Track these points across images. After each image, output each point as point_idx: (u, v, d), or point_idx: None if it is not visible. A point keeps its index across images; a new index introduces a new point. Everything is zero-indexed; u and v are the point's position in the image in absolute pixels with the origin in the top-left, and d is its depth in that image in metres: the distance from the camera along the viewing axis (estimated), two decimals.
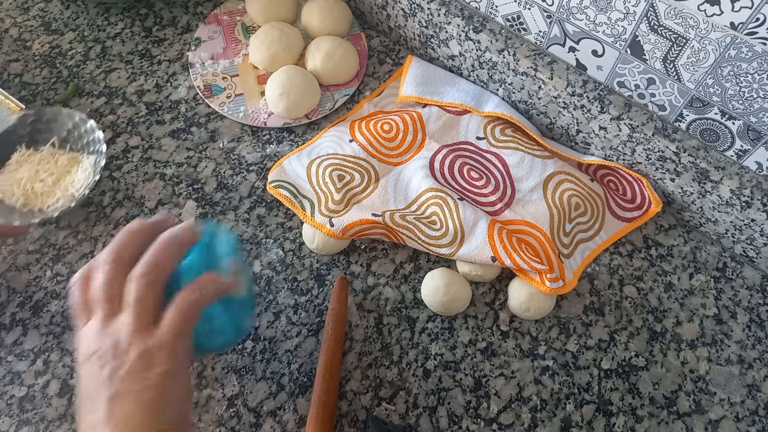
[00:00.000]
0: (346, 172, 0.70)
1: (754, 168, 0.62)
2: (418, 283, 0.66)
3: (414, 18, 0.77)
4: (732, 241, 0.68)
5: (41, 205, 0.68)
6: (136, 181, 0.73)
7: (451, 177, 0.71)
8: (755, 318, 0.65)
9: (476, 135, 0.73)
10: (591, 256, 0.68)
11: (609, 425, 0.60)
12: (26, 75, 0.81)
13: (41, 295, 0.65)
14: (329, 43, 0.77)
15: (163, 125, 0.77)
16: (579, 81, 0.67)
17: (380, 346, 0.63)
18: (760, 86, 0.55)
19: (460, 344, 0.63)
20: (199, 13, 0.87)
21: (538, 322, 0.65)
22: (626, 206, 0.71)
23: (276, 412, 0.59)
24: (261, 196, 0.72)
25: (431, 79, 0.77)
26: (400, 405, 0.60)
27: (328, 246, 0.66)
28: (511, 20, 0.69)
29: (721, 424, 0.60)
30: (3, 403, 0.60)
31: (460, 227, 0.65)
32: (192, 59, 0.81)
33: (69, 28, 0.85)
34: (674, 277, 0.68)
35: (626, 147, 0.68)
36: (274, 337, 0.63)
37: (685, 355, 0.63)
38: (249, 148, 0.75)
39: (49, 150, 0.71)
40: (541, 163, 0.70)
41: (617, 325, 0.65)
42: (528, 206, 0.68)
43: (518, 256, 0.63)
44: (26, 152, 0.71)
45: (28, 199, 0.69)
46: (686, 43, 0.57)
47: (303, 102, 0.75)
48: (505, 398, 0.61)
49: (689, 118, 0.63)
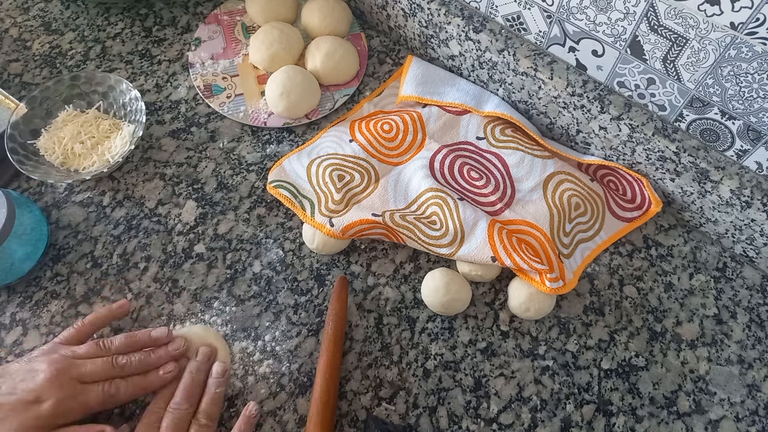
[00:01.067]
0: (346, 172, 0.70)
1: (754, 168, 0.62)
2: (418, 283, 0.66)
3: (414, 18, 0.77)
4: (732, 241, 0.68)
5: (77, 166, 0.71)
6: (136, 181, 0.73)
7: (451, 177, 0.71)
8: (755, 318, 0.65)
9: (476, 135, 0.73)
10: (591, 256, 0.68)
11: (609, 425, 0.60)
12: (26, 75, 0.81)
13: (41, 295, 0.65)
14: (329, 43, 0.77)
15: (163, 125, 0.77)
16: (579, 81, 0.67)
17: (380, 346, 0.63)
18: (760, 86, 0.55)
19: (460, 344, 0.63)
20: (199, 13, 0.87)
21: (538, 322, 0.65)
22: (626, 206, 0.71)
23: (276, 412, 0.59)
24: (261, 196, 0.72)
25: (431, 79, 0.77)
26: (400, 405, 0.60)
27: (328, 246, 0.66)
28: (511, 20, 0.69)
29: (721, 424, 0.60)
30: None
31: (460, 227, 0.65)
32: (192, 59, 0.81)
33: (69, 28, 0.85)
34: (674, 277, 0.68)
35: (626, 147, 0.68)
36: (274, 337, 0.63)
37: (685, 355, 0.63)
38: (249, 148, 0.75)
39: (94, 113, 0.74)
40: (541, 163, 0.70)
41: (617, 325, 0.65)
42: (528, 206, 0.68)
43: (518, 256, 0.63)
44: (73, 112, 0.74)
45: (66, 159, 0.71)
46: (686, 43, 0.57)
47: (303, 102, 0.75)
48: (505, 398, 0.61)
49: (689, 118, 0.63)
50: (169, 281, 0.66)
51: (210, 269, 0.67)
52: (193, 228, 0.70)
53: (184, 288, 0.66)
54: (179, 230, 0.69)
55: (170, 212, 0.71)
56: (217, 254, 0.68)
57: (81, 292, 0.66)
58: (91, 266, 0.67)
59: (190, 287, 0.66)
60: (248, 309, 0.65)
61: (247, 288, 0.66)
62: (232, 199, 0.72)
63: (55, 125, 0.72)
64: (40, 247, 0.66)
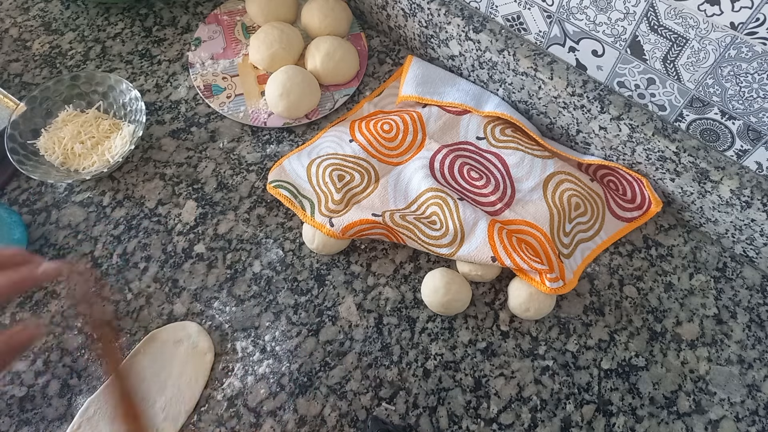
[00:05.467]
0: (346, 172, 0.70)
1: (754, 168, 0.62)
2: (418, 283, 0.66)
3: (414, 18, 0.77)
4: (732, 241, 0.68)
5: (77, 166, 0.71)
6: (136, 181, 0.73)
7: (451, 177, 0.71)
8: (755, 318, 0.65)
9: (476, 135, 0.73)
10: (591, 256, 0.68)
11: (609, 425, 0.60)
12: (26, 75, 0.81)
13: (41, 295, 0.65)
14: (329, 43, 0.77)
15: (163, 125, 0.77)
16: (579, 81, 0.67)
17: (380, 346, 0.63)
18: (760, 86, 0.55)
19: (460, 344, 0.63)
20: (199, 13, 0.87)
21: (538, 322, 0.65)
22: (626, 206, 0.71)
23: (276, 412, 0.59)
24: (261, 196, 0.72)
25: (431, 79, 0.77)
26: (400, 405, 0.60)
27: (328, 246, 0.66)
28: (511, 20, 0.69)
29: (721, 424, 0.60)
30: (3, 403, 0.60)
31: (460, 227, 0.65)
32: (192, 59, 0.81)
33: (69, 28, 0.85)
34: (674, 277, 0.68)
35: (626, 147, 0.68)
36: (274, 337, 0.63)
37: (685, 355, 0.63)
38: (249, 148, 0.75)
39: (94, 113, 0.74)
40: (541, 163, 0.70)
41: (617, 325, 0.65)
42: (528, 206, 0.68)
43: (518, 256, 0.63)
44: (73, 112, 0.74)
45: (66, 159, 0.71)
46: (686, 43, 0.57)
47: (303, 102, 0.75)
48: (505, 398, 0.61)
49: (689, 118, 0.63)
50: (169, 281, 0.66)
51: (210, 269, 0.67)
52: (193, 228, 0.70)
53: (184, 288, 0.66)
54: (179, 230, 0.69)
55: (170, 212, 0.71)
56: (217, 254, 0.68)
57: (81, 292, 0.65)
58: (91, 266, 0.67)
59: (190, 287, 0.66)
60: (248, 309, 0.65)
61: (247, 288, 0.66)
62: (232, 199, 0.72)
63: (55, 125, 0.72)
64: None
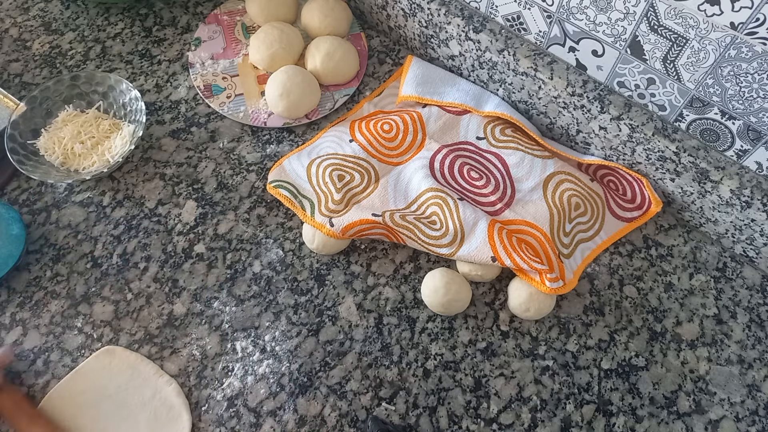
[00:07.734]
0: (346, 172, 0.70)
1: (754, 168, 0.62)
2: (418, 283, 0.66)
3: (414, 18, 0.77)
4: (732, 241, 0.68)
5: (77, 166, 0.71)
6: (136, 181, 0.73)
7: (451, 177, 0.71)
8: (755, 318, 0.65)
9: (476, 135, 0.73)
10: (591, 256, 0.68)
11: (609, 425, 0.60)
12: (26, 75, 0.81)
13: (41, 295, 0.65)
14: (329, 43, 0.77)
15: (163, 125, 0.77)
16: (579, 81, 0.67)
17: (380, 346, 0.63)
18: (760, 86, 0.55)
19: (460, 344, 0.63)
20: (199, 13, 0.87)
21: (538, 322, 0.65)
22: (626, 206, 0.71)
23: (276, 412, 0.59)
24: (261, 196, 0.72)
25: (431, 79, 0.77)
26: (400, 405, 0.60)
27: (328, 246, 0.66)
28: (511, 20, 0.69)
29: (721, 424, 0.60)
30: None
31: (460, 227, 0.65)
32: (192, 59, 0.81)
33: (69, 28, 0.85)
34: (674, 277, 0.68)
35: (626, 147, 0.68)
36: (274, 337, 0.63)
37: (685, 355, 0.63)
38: (249, 148, 0.75)
39: (94, 113, 0.74)
40: (541, 163, 0.70)
41: (617, 325, 0.65)
42: (528, 206, 0.68)
43: (518, 256, 0.63)
44: (73, 112, 0.74)
45: (66, 159, 0.71)
46: (686, 43, 0.57)
47: (303, 102, 0.75)
48: (505, 398, 0.61)
49: (689, 118, 0.63)
50: (169, 281, 0.66)
51: (210, 269, 0.67)
52: (193, 228, 0.70)
53: (184, 288, 0.66)
54: (179, 230, 0.69)
55: (170, 212, 0.71)
56: (217, 254, 0.68)
57: (81, 292, 0.66)
58: (91, 266, 0.67)
59: (190, 287, 0.66)
60: (248, 309, 0.65)
61: (247, 288, 0.66)
62: (232, 199, 0.72)
63: (55, 125, 0.72)
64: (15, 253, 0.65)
